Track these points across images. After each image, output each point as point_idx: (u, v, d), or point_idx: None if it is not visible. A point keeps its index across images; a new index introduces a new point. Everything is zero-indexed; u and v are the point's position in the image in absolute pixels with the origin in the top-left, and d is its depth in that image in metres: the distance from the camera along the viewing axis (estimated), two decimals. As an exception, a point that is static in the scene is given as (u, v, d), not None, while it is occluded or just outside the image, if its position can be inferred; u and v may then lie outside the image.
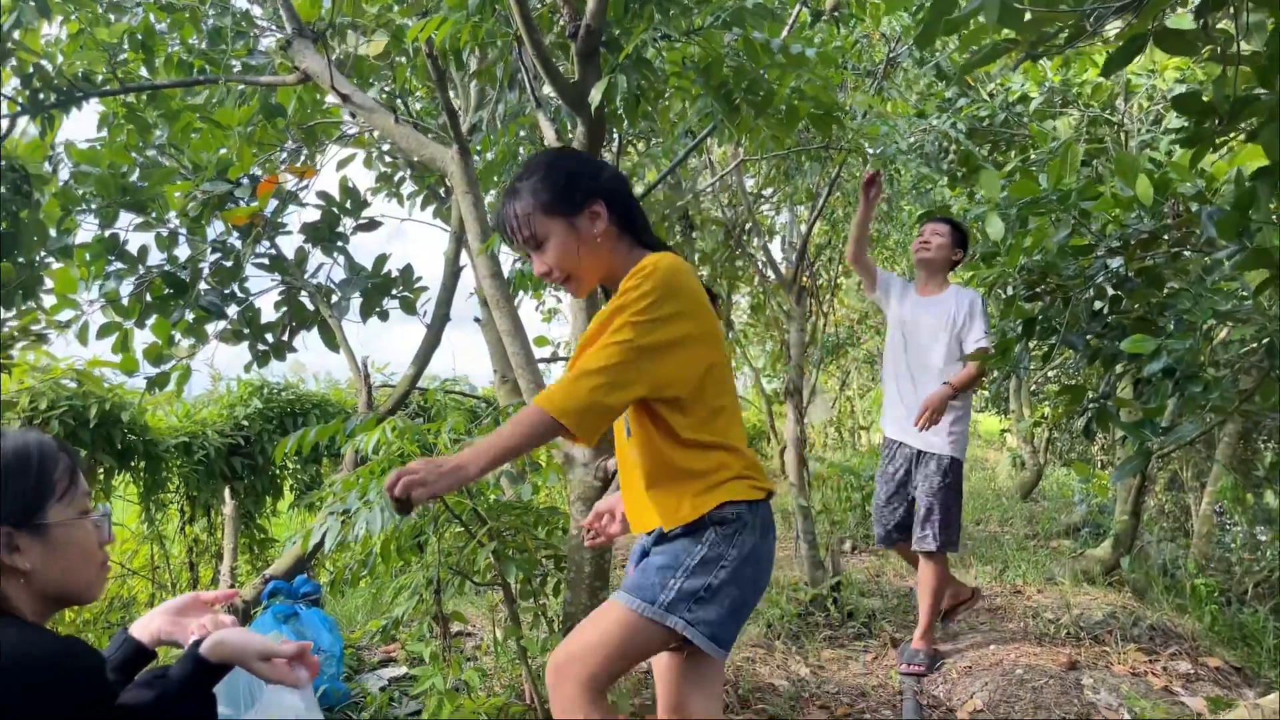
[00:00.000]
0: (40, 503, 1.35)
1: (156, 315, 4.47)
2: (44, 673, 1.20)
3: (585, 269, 2.03)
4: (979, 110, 5.71)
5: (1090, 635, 4.26)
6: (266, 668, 1.53)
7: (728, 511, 1.97)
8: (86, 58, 3.57)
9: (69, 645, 1.28)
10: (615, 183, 2.08)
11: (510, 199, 2.01)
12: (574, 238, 1.99)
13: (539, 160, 2.06)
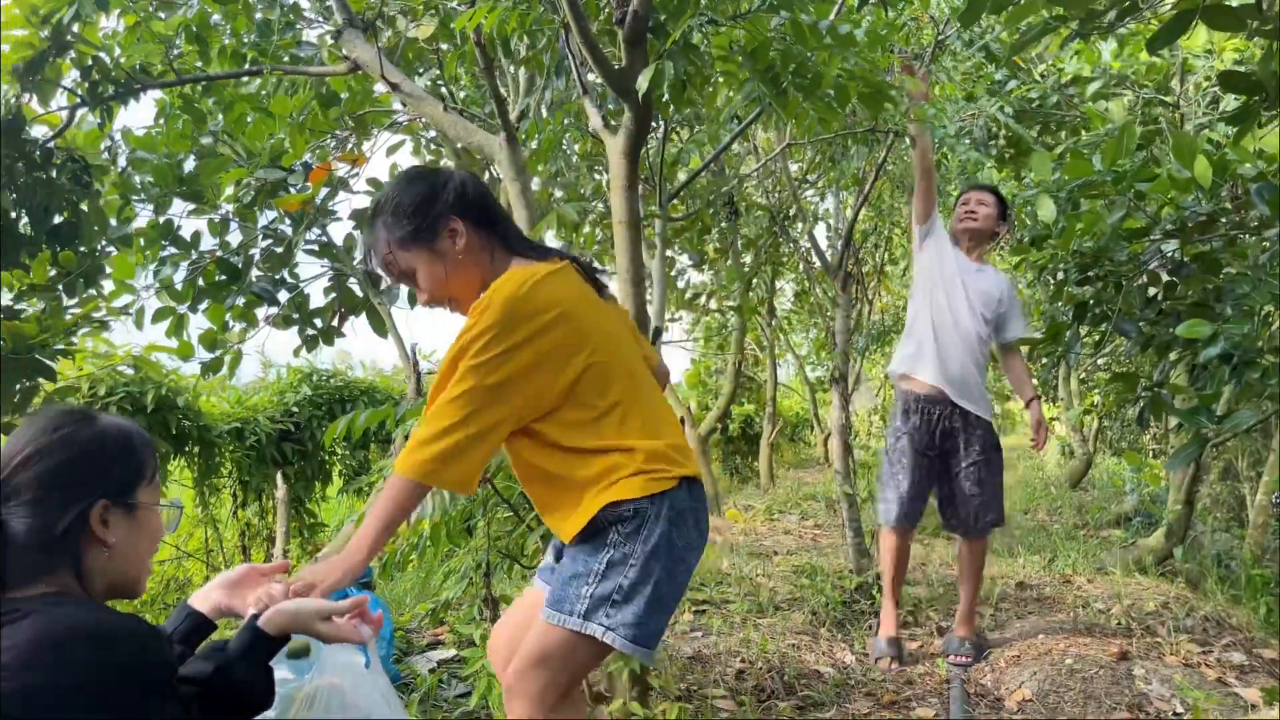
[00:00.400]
0: (134, 483, 1.41)
1: (210, 300, 4.55)
2: (116, 645, 1.24)
3: (459, 289, 1.99)
4: (1029, 91, 5.62)
5: (1142, 626, 4.20)
6: (329, 628, 1.56)
7: (623, 510, 1.91)
8: (144, 50, 3.64)
9: (135, 620, 1.32)
10: (465, 193, 2.00)
11: (370, 241, 2.00)
12: (439, 262, 1.96)
13: (386, 195, 2.01)
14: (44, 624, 1.22)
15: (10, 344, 2.97)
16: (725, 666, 3.76)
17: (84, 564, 1.34)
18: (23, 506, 1.30)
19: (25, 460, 1.32)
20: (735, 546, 6.31)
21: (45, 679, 1.16)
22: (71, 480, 1.34)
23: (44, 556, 1.31)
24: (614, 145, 2.81)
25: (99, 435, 1.38)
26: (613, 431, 1.94)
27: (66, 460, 1.34)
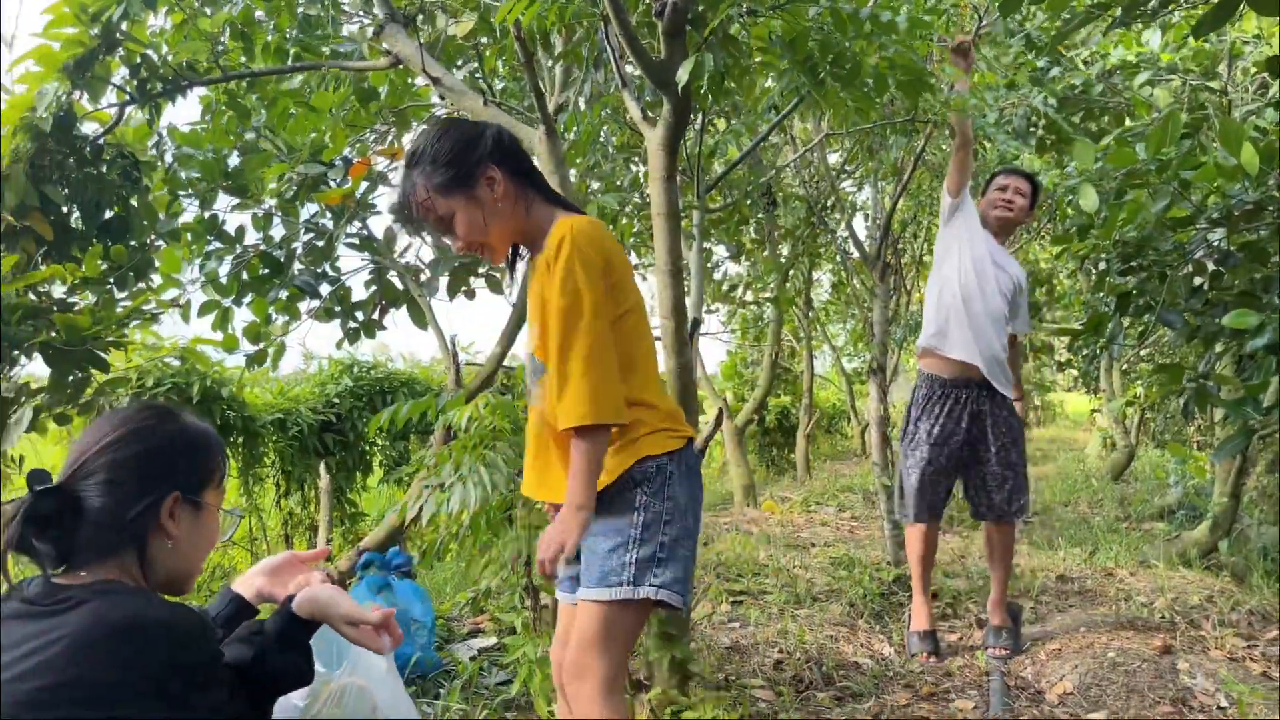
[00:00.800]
0: (204, 482, 1.47)
1: (254, 294, 4.62)
2: (163, 636, 1.27)
3: (495, 237, 2.04)
4: (1072, 79, 5.54)
5: (1186, 619, 4.15)
6: (352, 631, 1.60)
7: (649, 466, 1.98)
8: (191, 48, 3.70)
9: (184, 609, 1.36)
10: (503, 143, 2.05)
11: (407, 189, 2.02)
12: (478, 209, 2.00)
13: (424, 142, 2.03)
14: (93, 614, 1.25)
15: (65, 336, 3.04)
16: (763, 657, 3.78)
17: (148, 552, 1.39)
18: (99, 486, 1.35)
19: (107, 445, 1.37)
20: (772, 538, 6.31)
21: (93, 669, 1.20)
22: (148, 469, 1.39)
23: (113, 537, 1.35)
24: (653, 137, 2.82)
25: (180, 431, 1.44)
26: (639, 386, 2.02)
27: (146, 450, 1.40)
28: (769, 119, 4.65)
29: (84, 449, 1.37)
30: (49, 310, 3.24)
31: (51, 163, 3.45)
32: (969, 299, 3.79)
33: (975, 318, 3.77)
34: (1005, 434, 3.84)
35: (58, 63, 3.39)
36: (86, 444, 1.38)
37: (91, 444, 1.37)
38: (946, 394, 3.84)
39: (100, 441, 1.37)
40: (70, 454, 1.40)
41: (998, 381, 3.80)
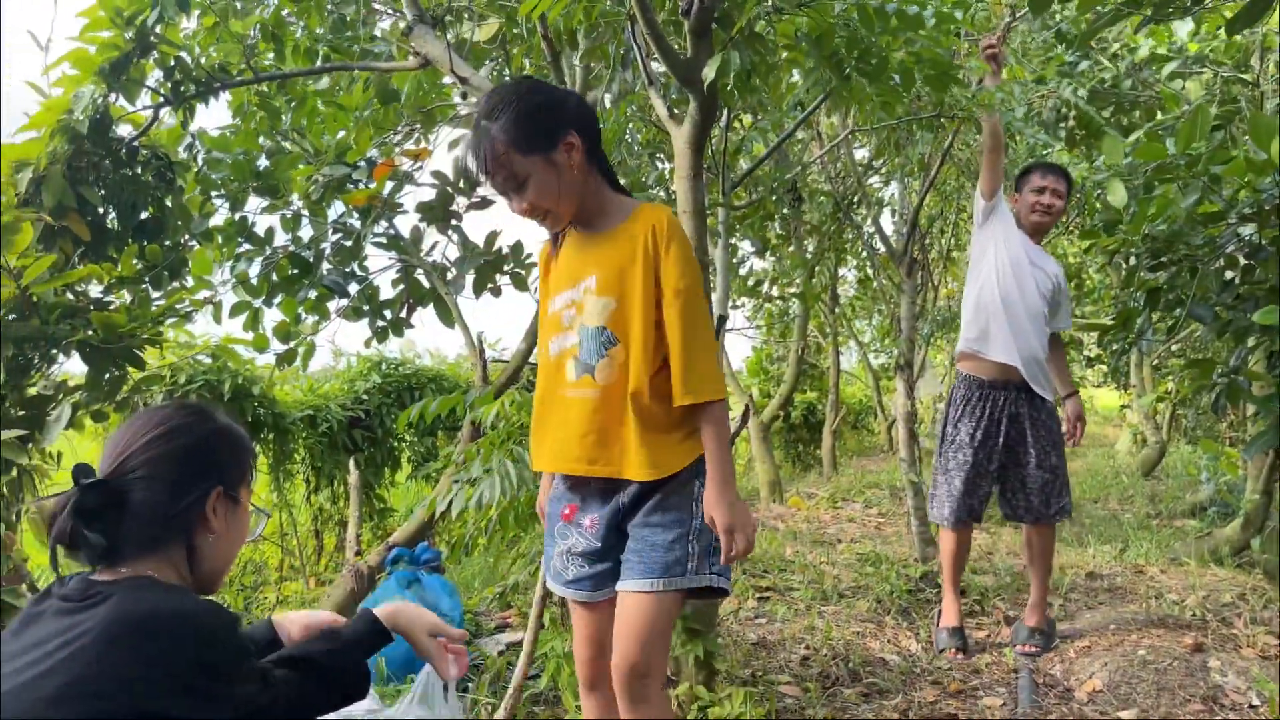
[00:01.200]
0: (241, 479, 1.51)
1: (283, 294, 4.68)
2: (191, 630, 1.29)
3: (564, 204, 2.00)
4: (1102, 73, 5.50)
5: (1217, 617, 4.12)
6: (431, 644, 1.64)
7: (701, 459, 2.01)
8: (223, 50, 3.75)
9: (212, 605, 1.39)
10: (584, 112, 2.04)
11: (481, 139, 1.92)
12: (553, 174, 1.95)
13: (507, 96, 1.95)
14: (117, 609, 1.27)
15: (102, 334, 3.10)
16: (790, 653, 3.78)
17: (194, 545, 1.42)
18: (145, 481, 1.38)
19: (152, 440, 1.40)
20: (798, 534, 6.31)
21: (117, 664, 1.21)
22: (195, 464, 1.43)
23: (161, 531, 1.39)
24: (679, 136, 2.83)
25: (222, 428, 1.49)
26: None
27: (192, 445, 1.43)
28: (795, 115, 4.65)
29: (126, 444, 1.40)
30: (86, 309, 3.30)
31: (88, 164, 3.51)
32: (1008, 301, 3.75)
33: (1015, 319, 3.74)
34: (1045, 437, 3.78)
35: (94, 66, 3.45)
36: (128, 439, 1.41)
37: (134, 439, 1.40)
38: (985, 396, 3.79)
39: (144, 437, 1.40)
40: (109, 449, 1.42)
41: (1037, 384, 3.76)
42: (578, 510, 2.10)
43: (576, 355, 2.02)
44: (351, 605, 4.27)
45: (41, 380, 3.41)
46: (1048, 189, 3.84)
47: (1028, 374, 3.73)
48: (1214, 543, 5.70)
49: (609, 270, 2.01)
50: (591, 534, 2.07)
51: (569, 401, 2.04)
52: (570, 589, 2.11)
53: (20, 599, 2.78)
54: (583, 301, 2.02)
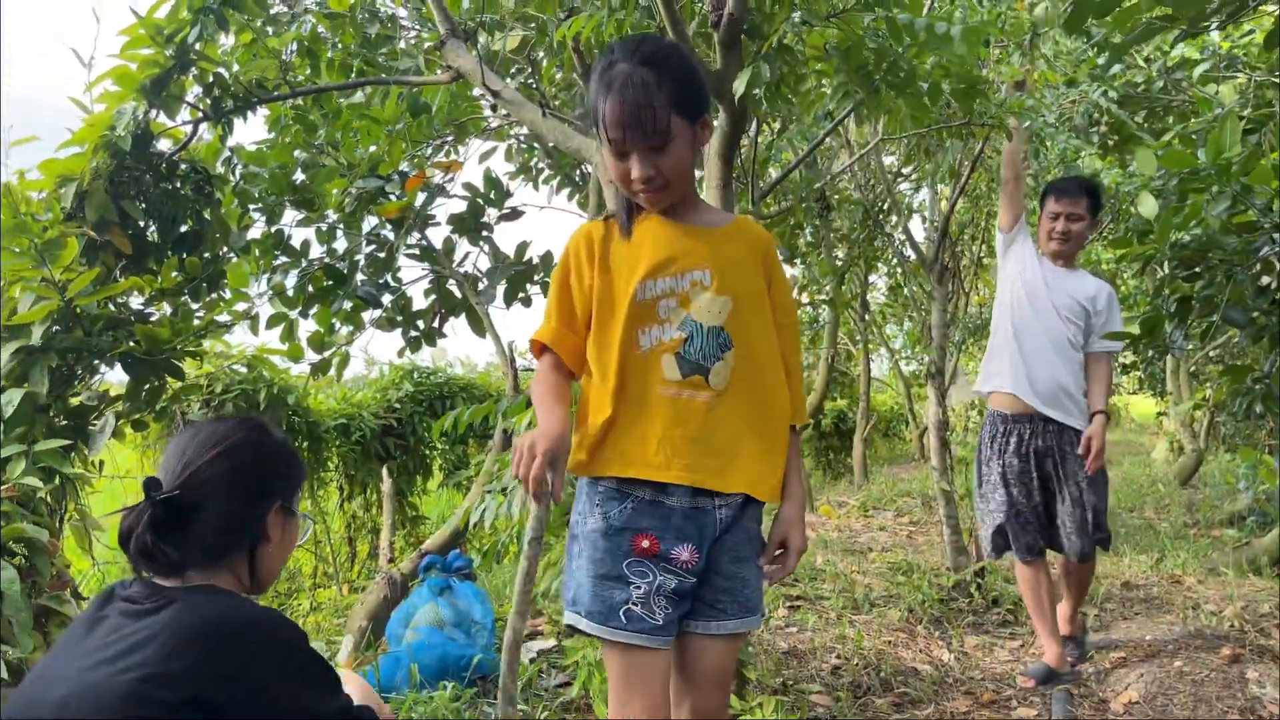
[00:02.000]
0: (295, 491, 1.57)
1: (318, 305, 4.75)
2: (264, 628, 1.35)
3: (684, 181, 1.84)
4: (1134, 77, 5.46)
5: (1256, 628, 4.07)
6: None
7: None
8: (260, 65, 3.82)
9: (278, 612, 1.43)
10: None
11: (648, 85, 1.71)
12: (688, 146, 1.79)
13: (669, 50, 1.79)
14: (192, 612, 1.32)
15: (145, 345, 3.17)
16: (821, 662, 3.78)
17: (257, 555, 1.46)
18: (215, 495, 1.42)
19: (219, 455, 1.45)
20: (829, 542, 6.30)
21: (193, 663, 1.25)
22: (262, 479, 1.49)
23: (227, 543, 1.43)
24: (709, 146, 2.85)
25: (280, 443, 1.55)
26: None
27: (256, 461, 1.49)
28: (824, 124, 4.66)
29: (191, 458, 1.44)
30: (129, 321, 3.37)
31: (129, 179, 3.58)
32: (1019, 332, 3.64)
33: (1029, 350, 3.61)
34: (1079, 471, 3.55)
35: (135, 83, 3.53)
36: (192, 453, 1.44)
37: (199, 454, 1.44)
38: (1009, 431, 3.65)
39: (210, 452, 1.44)
40: (171, 461, 1.45)
41: (1064, 414, 3.57)
42: (660, 541, 1.78)
43: (680, 351, 1.80)
44: (385, 611, 4.32)
45: (85, 390, 3.48)
46: (1062, 215, 3.69)
47: (1046, 405, 3.57)
48: (1252, 552, 5.62)
49: (728, 270, 1.84)
50: (692, 569, 1.80)
51: (673, 402, 1.79)
52: (655, 638, 1.77)
53: (64, 605, 2.84)
54: (690, 295, 1.82)
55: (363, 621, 4.43)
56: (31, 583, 2.81)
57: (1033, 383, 3.58)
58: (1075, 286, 3.67)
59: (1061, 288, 3.66)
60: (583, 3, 3.33)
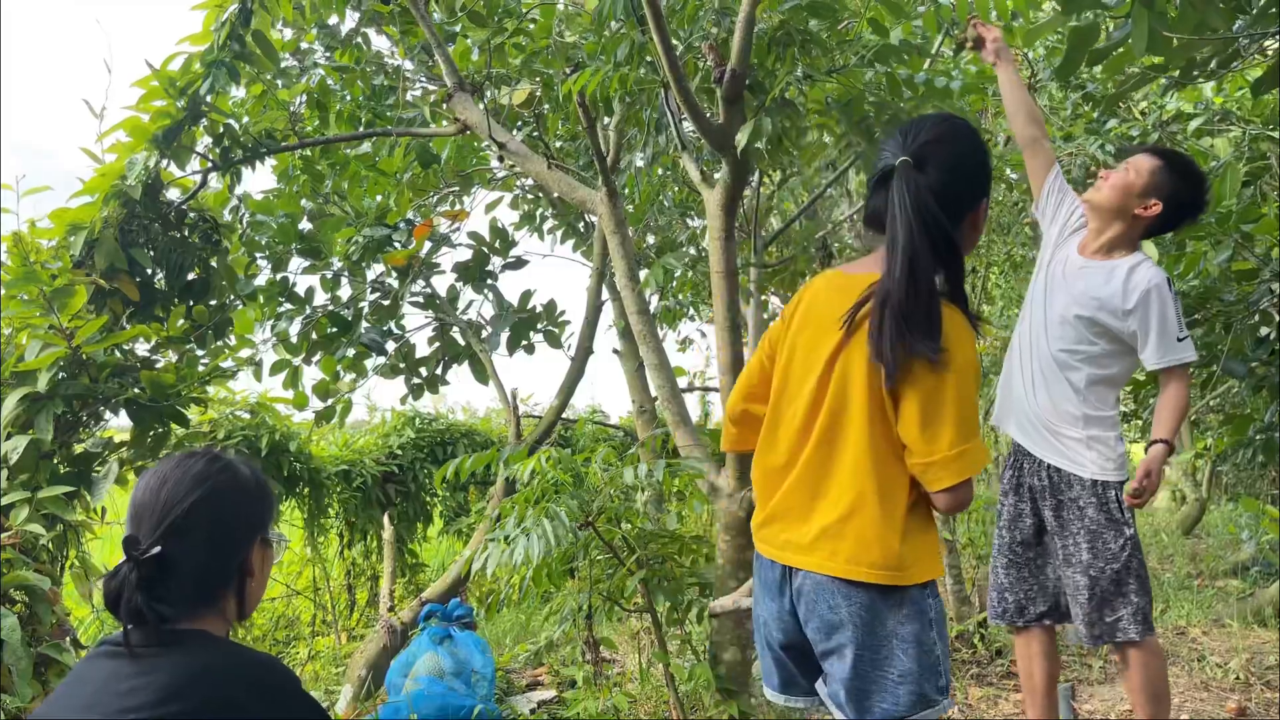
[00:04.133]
0: (269, 521, 1.54)
1: (322, 352, 4.78)
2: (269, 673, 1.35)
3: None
4: (1129, 129, 5.54)
5: (1262, 680, 4.03)
6: None
7: None
8: (270, 117, 3.89)
9: (277, 660, 1.43)
10: None
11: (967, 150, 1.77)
12: (972, 231, 1.83)
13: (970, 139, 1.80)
14: (184, 657, 1.32)
15: (150, 392, 3.18)
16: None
17: (222, 596, 1.45)
18: (197, 544, 1.41)
19: (198, 502, 1.41)
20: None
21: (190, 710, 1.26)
22: (240, 522, 1.47)
23: (215, 588, 1.42)
24: (712, 199, 2.90)
25: (251, 477, 1.51)
26: None
27: (234, 502, 1.46)
28: (825, 175, 4.72)
29: (168, 508, 1.40)
30: (135, 368, 3.40)
31: (138, 227, 3.63)
32: (1016, 347, 2.88)
33: (1011, 364, 2.88)
34: (1079, 527, 2.68)
35: (147, 133, 3.59)
36: (166, 501, 1.41)
37: (176, 502, 1.41)
38: (1015, 462, 2.87)
39: (187, 500, 1.41)
40: (143, 512, 1.41)
41: (1045, 449, 2.74)
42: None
43: None
44: (385, 660, 4.28)
45: (89, 437, 3.50)
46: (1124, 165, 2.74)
47: (1021, 435, 2.82)
48: (1257, 603, 5.58)
49: None
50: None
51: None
52: None
53: (64, 653, 2.83)
54: None
55: (362, 670, 4.40)
56: (32, 630, 2.80)
57: (1016, 412, 2.84)
58: (1098, 281, 2.67)
59: (1078, 281, 2.72)
60: (587, 58, 3.41)
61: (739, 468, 3.00)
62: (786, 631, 1.88)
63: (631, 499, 3.09)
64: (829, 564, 1.77)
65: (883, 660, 1.78)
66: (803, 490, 1.82)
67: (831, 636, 1.79)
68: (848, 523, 1.76)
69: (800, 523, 1.81)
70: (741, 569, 3.00)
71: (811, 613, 1.80)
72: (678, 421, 3.26)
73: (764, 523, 1.89)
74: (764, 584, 1.91)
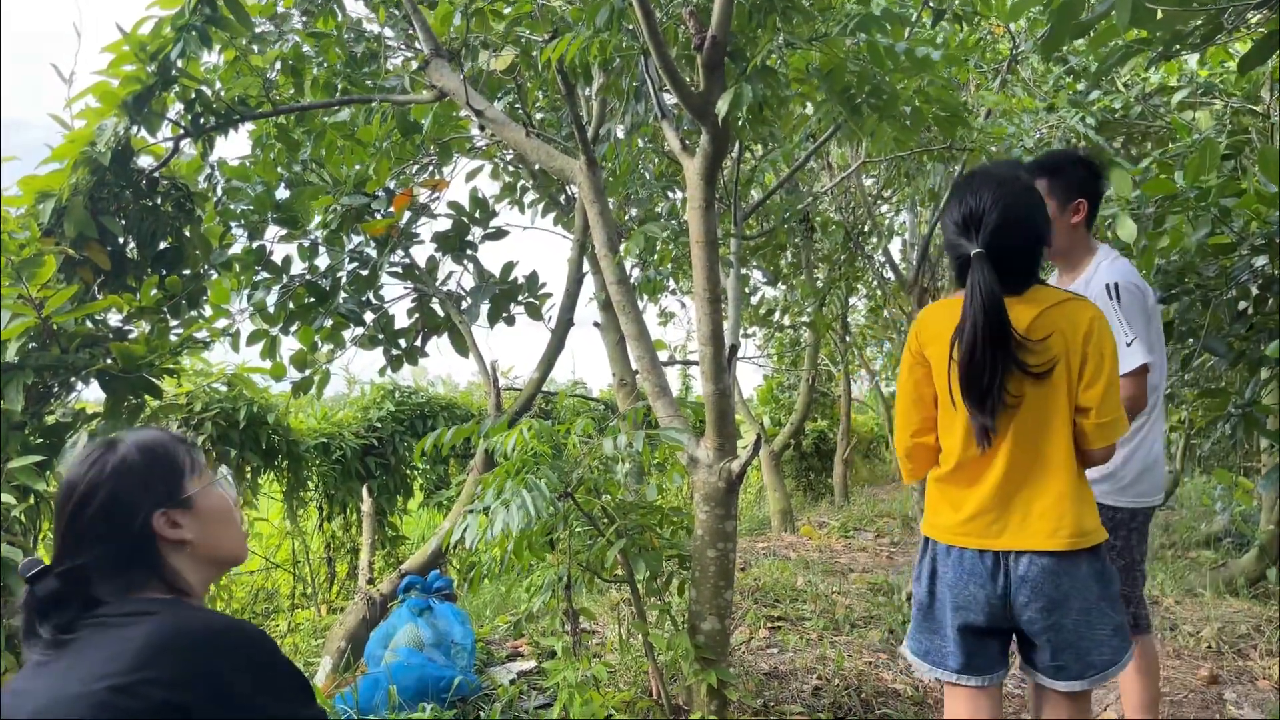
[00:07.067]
0: (179, 481, 1.48)
1: (300, 322, 4.73)
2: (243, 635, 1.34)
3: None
4: (1112, 102, 5.53)
5: (1233, 649, 4.09)
6: None
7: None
8: (243, 84, 3.82)
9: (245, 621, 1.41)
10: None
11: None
12: None
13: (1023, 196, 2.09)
14: (157, 623, 1.31)
15: (121, 363, 3.14)
16: (802, 683, 3.77)
17: (168, 568, 1.43)
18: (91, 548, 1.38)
19: (72, 513, 1.40)
20: (810, 563, 6.29)
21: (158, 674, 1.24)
22: (116, 515, 1.41)
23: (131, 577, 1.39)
24: (691, 167, 2.86)
25: (120, 464, 1.44)
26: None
27: (101, 500, 1.41)
28: (806, 146, 4.69)
29: (57, 522, 1.41)
30: (106, 338, 3.35)
31: (109, 195, 3.57)
32: None
33: None
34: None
35: (117, 99, 3.51)
36: (59, 512, 1.41)
37: (59, 516, 1.41)
38: None
39: (66, 513, 1.40)
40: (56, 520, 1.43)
41: None
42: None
43: None
44: (364, 632, 4.27)
45: (60, 408, 3.45)
46: None
47: None
48: (1229, 574, 5.66)
49: None
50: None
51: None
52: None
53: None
54: None
55: (341, 642, 4.39)
56: (4, 603, 2.77)
57: None
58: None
59: None
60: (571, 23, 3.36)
61: (718, 439, 2.99)
62: (993, 616, 2.05)
63: (611, 470, 3.07)
64: (1052, 541, 1.98)
65: (1095, 620, 2.00)
66: (1013, 479, 2.03)
67: (1053, 611, 1.99)
68: (1062, 500, 2.00)
69: (1015, 510, 2.03)
70: (720, 540, 3.00)
71: (1036, 593, 1.99)
72: (657, 392, 3.24)
73: (970, 518, 2.07)
74: (968, 574, 2.07)
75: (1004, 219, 1.99)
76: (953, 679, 2.14)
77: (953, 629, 2.11)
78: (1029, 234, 2.04)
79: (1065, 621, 2.00)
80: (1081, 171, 2.71)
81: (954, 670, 2.14)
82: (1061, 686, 2.07)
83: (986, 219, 1.99)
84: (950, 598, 2.10)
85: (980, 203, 2.00)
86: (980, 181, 2.05)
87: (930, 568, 2.16)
